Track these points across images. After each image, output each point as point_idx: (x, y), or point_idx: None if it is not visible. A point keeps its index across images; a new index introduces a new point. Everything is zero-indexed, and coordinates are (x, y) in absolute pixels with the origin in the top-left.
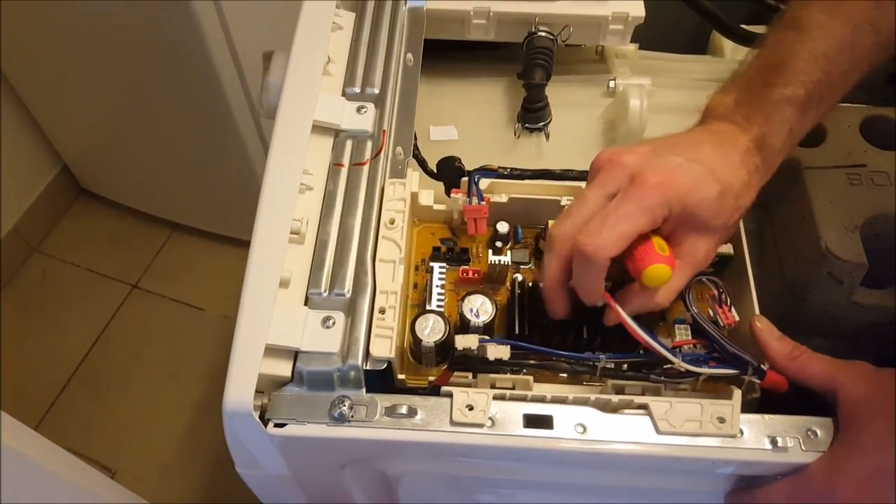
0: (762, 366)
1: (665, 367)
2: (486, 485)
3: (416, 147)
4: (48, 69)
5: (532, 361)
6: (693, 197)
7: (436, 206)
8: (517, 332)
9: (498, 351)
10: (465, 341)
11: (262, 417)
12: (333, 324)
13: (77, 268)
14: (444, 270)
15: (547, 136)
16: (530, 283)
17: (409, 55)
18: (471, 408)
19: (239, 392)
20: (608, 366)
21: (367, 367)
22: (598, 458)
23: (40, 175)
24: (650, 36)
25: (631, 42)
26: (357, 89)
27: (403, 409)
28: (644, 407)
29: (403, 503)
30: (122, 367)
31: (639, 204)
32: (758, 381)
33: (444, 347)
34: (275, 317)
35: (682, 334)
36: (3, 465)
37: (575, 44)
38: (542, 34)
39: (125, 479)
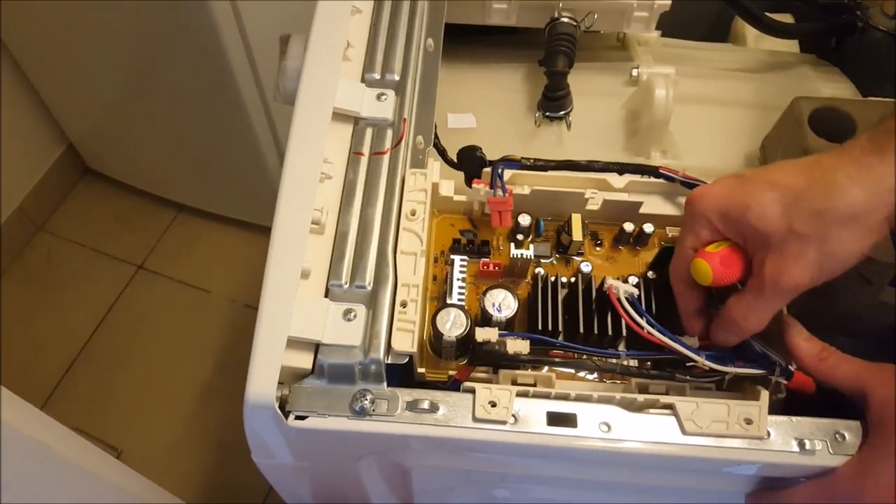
0: (790, 366)
1: (689, 364)
2: (503, 479)
3: (435, 136)
4: (53, 47)
5: (556, 358)
6: (730, 202)
7: (456, 197)
8: (540, 327)
9: (517, 345)
10: (484, 333)
11: (282, 409)
12: (355, 317)
13: (82, 247)
14: (464, 263)
15: (568, 126)
16: (552, 278)
17: (430, 40)
18: (494, 404)
19: (261, 385)
20: (631, 363)
21: (389, 361)
22: (622, 457)
23: (45, 154)
24: (671, 22)
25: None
26: (377, 75)
27: (425, 405)
28: (670, 407)
29: (417, 492)
30: (127, 348)
31: (684, 222)
32: (785, 382)
33: (465, 341)
34: (296, 309)
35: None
36: (4, 444)
37: (596, 30)
38: (566, 20)
39: (131, 459)
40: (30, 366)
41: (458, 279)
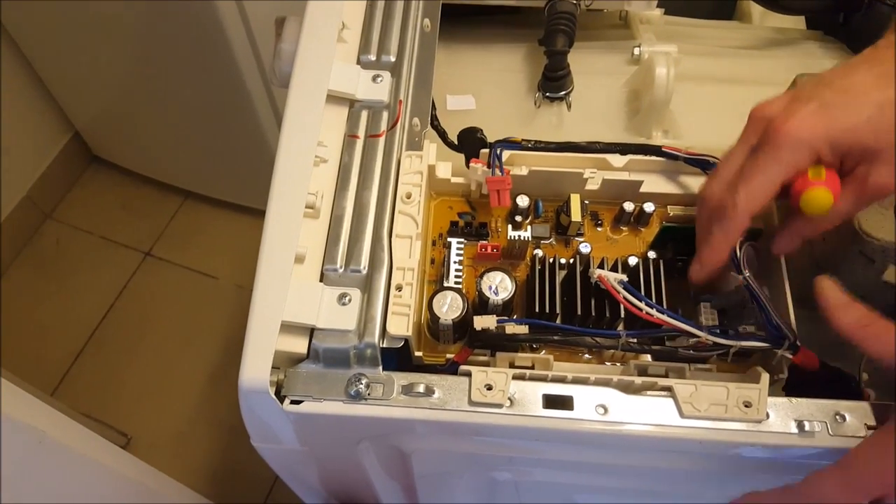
0: (797, 341)
1: (692, 340)
2: (503, 462)
3: (435, 117)
4: (57, 34)
5: (555, 337)
6: (837, 128)
7: (454, 180)
8: (537, 309)
9: (516, 329)
10: (483, 322)
11: (277, 394)
12: (350, 301)
13: (90, 235)
14: (461, 246)
15: (569, 106)
16: (551, 259)
17: (427, 21)
18: (490, 387)
19: (255, 369)
20: (631, 341)
21: (384, 345)
22: (618, 440)
23: (52, 142)
24: (675, 0)
25: (656, 7)
26: (372, 57)
27: (421, 388)
28: (668, 389)
29: (417, 477)
30: (135, 335)
31: (770, 155)
32: (790, 357)
33: (462, 324)
34: (290, 293)
35: (708, 316)
36: (5, 435)
37: (597, 8)
38: None
39: (140, 445)
40: (39, 353)
41: (455, 262)
